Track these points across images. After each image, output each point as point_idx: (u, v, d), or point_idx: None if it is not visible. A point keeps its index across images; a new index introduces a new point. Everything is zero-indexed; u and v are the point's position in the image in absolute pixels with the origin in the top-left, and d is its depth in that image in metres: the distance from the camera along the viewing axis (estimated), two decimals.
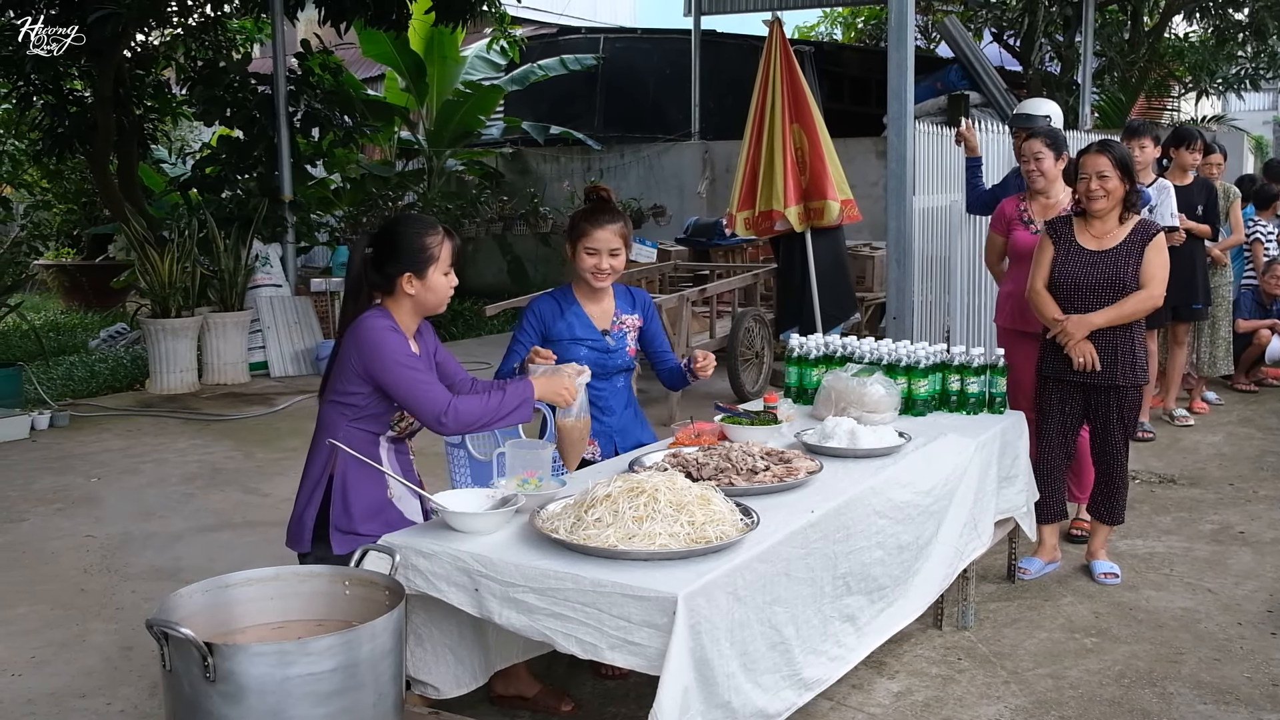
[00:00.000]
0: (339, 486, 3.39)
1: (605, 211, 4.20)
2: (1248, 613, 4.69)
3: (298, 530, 3.45)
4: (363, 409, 3.40)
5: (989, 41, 19.86)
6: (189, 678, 2.43)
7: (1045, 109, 6.65)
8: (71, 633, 4.52)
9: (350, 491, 3.38)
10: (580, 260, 4.18)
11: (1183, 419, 7.93)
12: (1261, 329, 9.04)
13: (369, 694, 2.55)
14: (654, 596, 2.65)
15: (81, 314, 14.06)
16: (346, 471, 3.38)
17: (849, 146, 12.57)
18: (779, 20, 8.45)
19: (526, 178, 16.40)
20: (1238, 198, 8.09)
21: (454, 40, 14.31)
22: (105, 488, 6.63)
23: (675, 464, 3.53)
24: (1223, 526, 5.81)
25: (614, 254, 4.15)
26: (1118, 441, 4.96)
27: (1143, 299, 4.78)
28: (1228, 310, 8.24)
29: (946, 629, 4.46)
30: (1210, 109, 20.07)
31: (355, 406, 3.40)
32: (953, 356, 4.58)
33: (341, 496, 3.38)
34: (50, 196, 15.35)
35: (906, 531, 3.72)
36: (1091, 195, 4.77)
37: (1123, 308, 4.76)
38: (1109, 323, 4.77)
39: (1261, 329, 9.04)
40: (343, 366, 3.40)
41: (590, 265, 4.16)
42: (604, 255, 4.14)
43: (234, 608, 2.79)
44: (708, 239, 11.33)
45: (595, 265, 4.16)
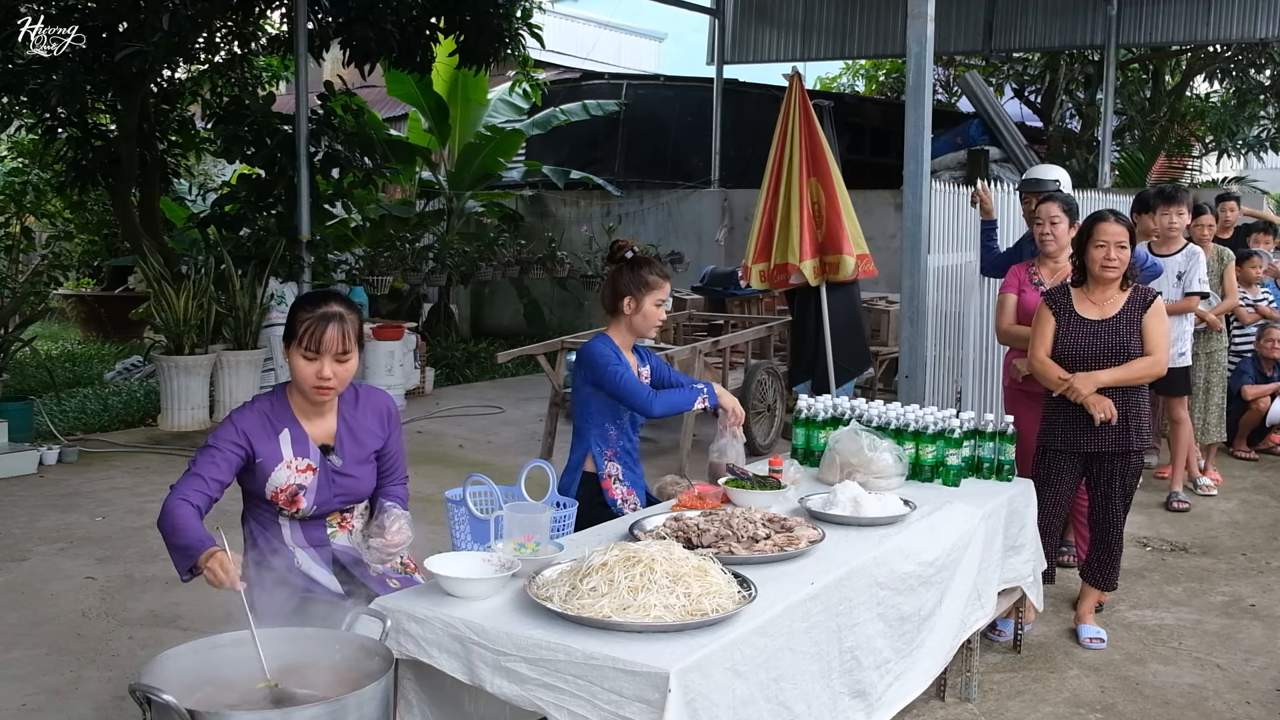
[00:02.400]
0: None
1: (659, 265, 4.34)
2: (1257, 690, 4.62)
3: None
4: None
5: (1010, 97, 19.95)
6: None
7: (1054, 174, 6.65)
8: (65, 679, 4.49)
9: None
10: (646, 312, 4.25)
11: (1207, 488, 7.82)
12: (1263, 396, 8.89)
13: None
14: (646, 672, 2.61)
15: (99, 344, 14.11)
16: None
17: (868, 198, 12.60)
18: (799, 74, 8.48)
19: (546, 221, 16.46)
20: (1231, 260, 7.97)
21: (479, 83, 14.39)
22: (110, 527, 6.62)
23: (676, 528, 3.50)
24: (1234, 599, 5.74)
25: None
26: (1117, 509, 4.97)
27: (1148, 365, 4.82)
28: (1221, 376, 8.01)
29: (950, 700, 4.40)
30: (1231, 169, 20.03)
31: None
32: (961, 422, 4.55)
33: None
34: (72, 227, 15.45)
35: (908, 602, 3.67)
36: (1110, 264, 4.78)
37: (1130, 369, 4.79)
38: (1115, 382, 4.79)
39: (1263, 396, 8.89)
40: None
41: (658, 318, 4.25)
42: (662, 308, 4.27)
43: (223, 669, 2.76)
44: (724, 288, 11.31)
45: (661, 316, 4.30)
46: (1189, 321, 7.36)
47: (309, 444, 3.38)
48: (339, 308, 3.33)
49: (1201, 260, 7.20)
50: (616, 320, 4.36)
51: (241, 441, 3.28)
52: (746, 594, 2.97)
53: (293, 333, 3.31)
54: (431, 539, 4.46)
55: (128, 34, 9.73)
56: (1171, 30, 15.27)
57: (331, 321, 3.29)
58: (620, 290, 4.31)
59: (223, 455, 3.24)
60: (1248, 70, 17.89)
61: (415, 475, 3.83)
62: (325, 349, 3.27)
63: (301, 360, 3.30)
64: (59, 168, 11.96)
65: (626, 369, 4.26)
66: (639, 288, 4.27)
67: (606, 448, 4.36)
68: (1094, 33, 15.43)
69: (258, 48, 12.33)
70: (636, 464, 4.47)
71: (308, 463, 3.36)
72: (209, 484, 3.20)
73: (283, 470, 3.33)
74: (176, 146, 12.35)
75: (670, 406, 4.31)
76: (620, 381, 4.22)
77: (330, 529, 3.50)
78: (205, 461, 3.22)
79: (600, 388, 4.27)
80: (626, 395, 4.23)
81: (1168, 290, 7.17)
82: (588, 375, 4.30)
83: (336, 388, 3.35)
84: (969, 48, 16.97)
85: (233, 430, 3.29)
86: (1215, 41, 16.29)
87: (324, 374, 3.29)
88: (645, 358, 4.47)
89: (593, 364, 4.26)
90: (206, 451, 3.24)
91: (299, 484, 3.34)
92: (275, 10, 11.95)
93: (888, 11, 16.04)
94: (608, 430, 4.36)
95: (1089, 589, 5.15)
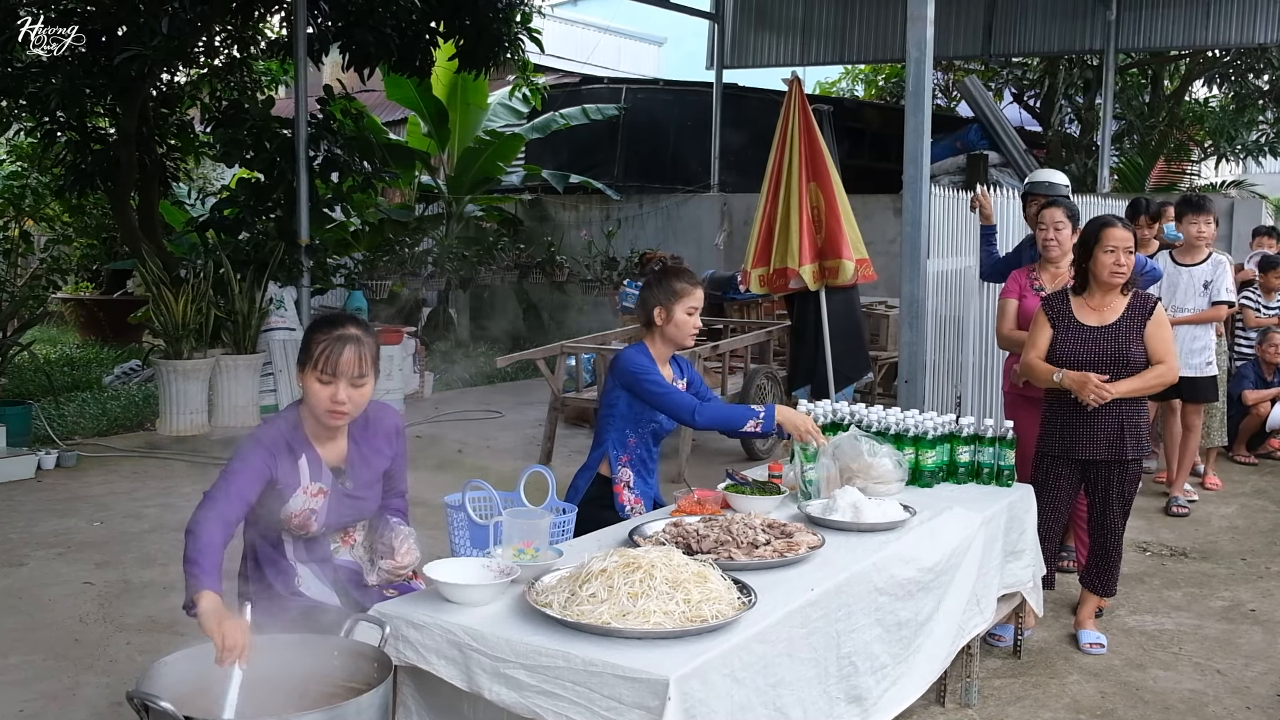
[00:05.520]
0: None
1: (688, 274, 4.34)
2: (1257, 695, 4.61)
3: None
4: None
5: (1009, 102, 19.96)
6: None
7: (1060, 179, 6.65)
8: (63, 685, 4.47)
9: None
10: (679, 321, 4.24)
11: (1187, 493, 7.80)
12: (1264, 401, 8.90)
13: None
14: (645, 678, 2.60)
15: (98, 348, 14.10)
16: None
17: (867, 203, 12.61)
18: (798, 79, 8.48)
19: (545, 225, 16.47)
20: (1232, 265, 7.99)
21: (478, 87, 14.40)
22: (107, 531, 6.61)
23: (676, 534, 3.50)
24: (1234, 604, 5.73)
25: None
26: (1116, 516, 4.97)
27: (1161, 373, 4.83)
28: (1222, 380, 8.09)
29: (950, 706, 4.39)
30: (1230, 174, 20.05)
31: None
32: (961, 427, 4.55)
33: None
34: (71, 231, 15.45)
35: (906, 608, 3.66)
36: (1119, 270, 4.80)
37: (1144, 379, 4.80)
38: (1132, 393, 4.80)
39: (1264, 401, 8.90)
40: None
41: (693, 325, 4.25)
42: (697, 314, 4.29)
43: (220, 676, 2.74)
44: (724, 293, 11.32)
45: (695, 324, 4.30)
46: (1213, 330, 7.38)
47: (323, 468, 3.31)
48: (355, 330, 3.23)
49: (1228, 269, 7.22)
50: (651, 333, 4.36)
51: (270, 463, 3.18)
52: (746, 600, 2.96)
53: (308, 355, 3.20)
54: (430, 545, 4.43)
55: (127, 38, 9.74)
56: (1170, 35, 15.30)
57: (348, 344, 3.19)
58: (651, 302, 4.31)
59: (255, 474, 3.14)
60: (1246, 75, 17.91)
61: (414, 480, 3.81)
62: (341, 372, 3.17)
63: (316, 384, 3.19)
64: (58, 171, 11.96)
65: (663, 379, 4.28)
66: (669, 297, 4.27)
67: (623, 453, 4.37)
68: (1093, 37, 15.44)
69: (257, 51, 12.34)
70: (652, 475, 4.48)
71: (320, 486, 3.30)
72: (242, 504, 3.11)
73: (300, 496, 3.26)
74: (176, 150, 12.35)
75: (716, 420, 4.25)
76: (658, 389, 4.22)
77: (334, 545, 3.48)
78: (241, 478, 3.11)
79: (636, 395, 4.27)
80: (666, 404, 4.23)
81: (1193, 299, 7.19)
82: (619, 380, 4.30)
83: (351, 413, 3.25)
84: (968, 52, 16.99)
85: (262, 450, 3.18)
86: (1214, 46, 16.32)
87: (339, 398, 3.18)
88: (684, 370, 4.49)
89: (627, 371, 4.26)
90: (240, 466, 3.13)
91: (311, 509, 3.28)
92: (275, 14, 11.96)
93: (887, 16, 16.07)
94: (627, 437, 4.37)
95: (1089, 594, 5.15)
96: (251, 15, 11.50)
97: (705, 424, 4.23)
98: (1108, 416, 4.80)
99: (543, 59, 15.99)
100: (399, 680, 2.98)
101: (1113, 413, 4.79)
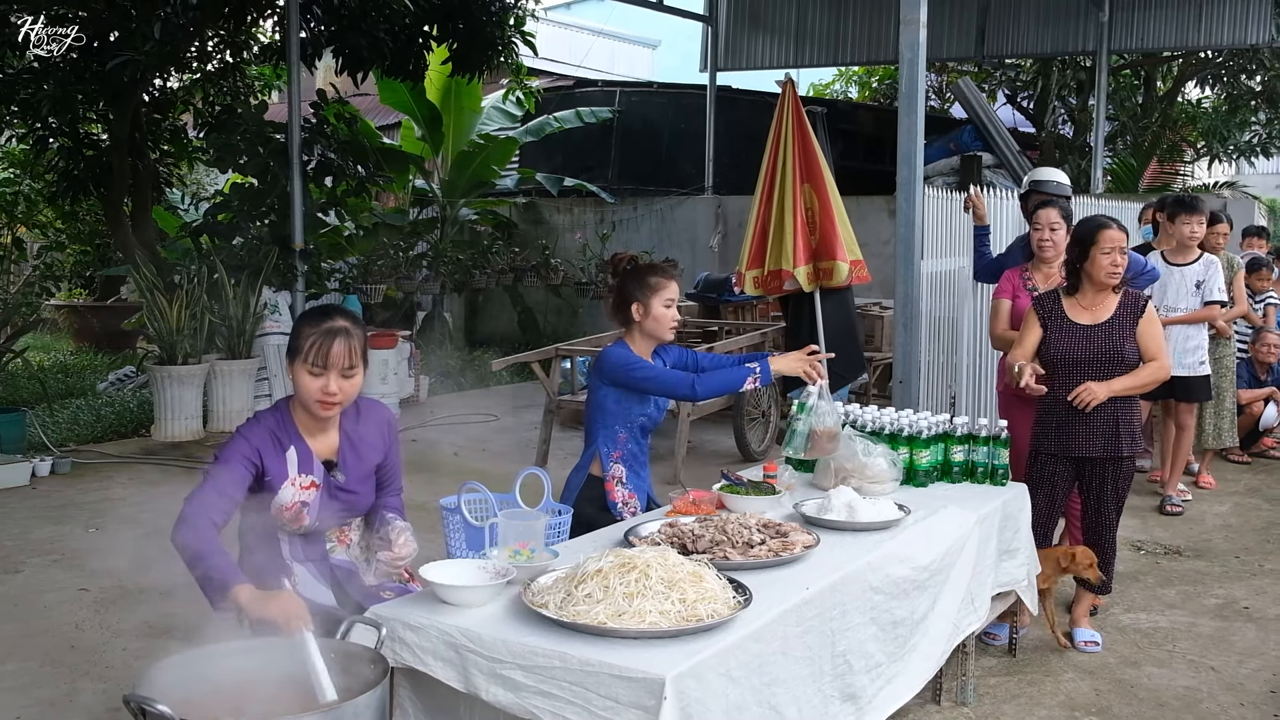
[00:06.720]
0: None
1: (660, 267, 4.35)
2: (1250, 693, 4.63)
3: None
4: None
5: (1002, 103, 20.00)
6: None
7: (1064, 178, 6.66)
8: (60, 691, 4.48)
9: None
10: (657, 314, 4.25)
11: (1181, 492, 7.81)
12: (1256, 400, 8.92)
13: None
14: (641, 678, 2.61)
15: (92, 355, 14.07)
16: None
17: (861, 205, 12.61)
18: (792, 80, 8.48)
19: (539, 228, 16.46)
20: (1241, 268, 8.01)
21: (472, 90, 14.39)
22: (103, 538, 6.60)
23: (671, 534, 3.50)
24: (1227, 601, 5.75)
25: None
26: (1109, 513, 5.00)
27: (1155, 370, 4.88)
28: (1231, 381, 8.08)
29: (945, 704, 4.41)
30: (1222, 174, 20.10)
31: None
32: (955, 427, 4.56)
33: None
34: (64, 238, 15.42)
35: (901, 607, 3.67)
36: (1117, 270, 4.84)
37: (1139, 376, 4.84)
38: (1127, 391, 4.84)
39: (1256, 400, 8.92)
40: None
41: (672, 318, 4.24)
42: (675, 307, 4.27)
43: (216, 679, 2.74)
44: (718, 295, 11.31)
45: (674, 317, 4.27)
46: (1205, 330, 7.38)
47: (313, 460, 3.34)
48: (345, 322, 3.28)
49: (1219, 269, 7.22)
50: (630, 330, 4.37)
51: (254, 458, 3.22)
52: (741, 599, 2.97)
53: (297, 348, 3.25)
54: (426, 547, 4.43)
55: (119, 43, 9.72)
56: (1163, 36, 15.32)
57: (338, 336, 3.24)
58: (626, 298, 4.31)
59: (238, 471, 3.18)
60: (1239, 76, 17.96)
61: (410, 483, 3.83)
62: (331, 364, 3.22)
63: (306, 376, 3.24)
64: (50, 178, 11.94)
65: (652, 364, 4.29)
66: (644, 292, 4.28)
67: (614, 449, 4.38)
68: (1086, 39, 15.47)
69: (250, 56, 12.34)
70: (644, 469, 4.49)
71: (311, 479, 3.32)
72: (228, 502, 3.12)
73: (288, 488, 3.28)
74: (169, 156, 12.35)
75: (716, 388, 4.28)
76: (650, 374, 4.24)
77: (329, 544, 3.48)
78: (222, 477, 3.14)
79: (630, 389, 4.28)
80: (663, 388, 4.26)
81: (1186, 299, 7.20)
82: (605, 378, 4.31)
83: (342, 403, 3.30)
84: (961, 54, 17.00)
85: (245, 445, 3.22)
86: (1206, 47, 16.36)
87: (330, 389, 3.23)
88: (666, 360, 4.48)
89: (615, 367, 4.27)
90: (222, 467, 3.17)
91: (303, 501, 3.31)
92: (267, 19, 11.94)
93: (880, 18, 16.08)
94: (617, 433, 4.38)
95: (1083, 592, 5.17)
96: (244, 20, 11.48)
97: (707, 394, 4.26)
98: (1102, 414, 4.82)
99: (536, 62, 15.98)
100: (396, 682, 2.99)
101: (1107, 410, 4.82)
